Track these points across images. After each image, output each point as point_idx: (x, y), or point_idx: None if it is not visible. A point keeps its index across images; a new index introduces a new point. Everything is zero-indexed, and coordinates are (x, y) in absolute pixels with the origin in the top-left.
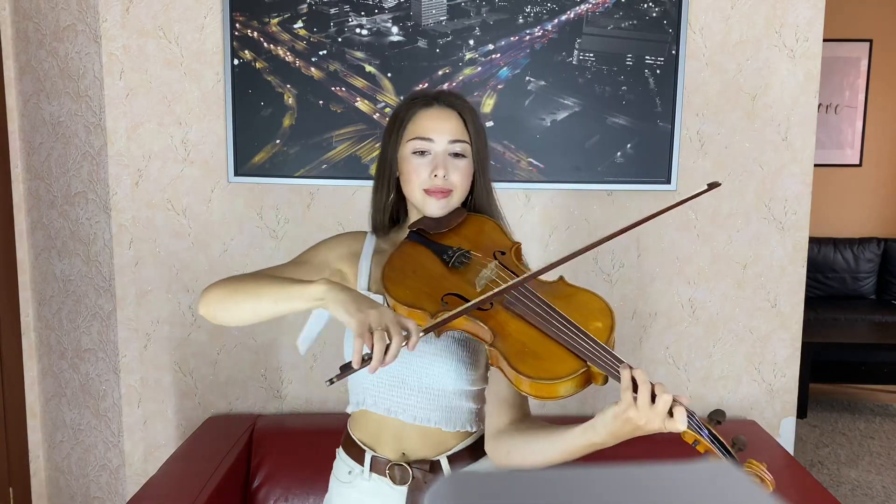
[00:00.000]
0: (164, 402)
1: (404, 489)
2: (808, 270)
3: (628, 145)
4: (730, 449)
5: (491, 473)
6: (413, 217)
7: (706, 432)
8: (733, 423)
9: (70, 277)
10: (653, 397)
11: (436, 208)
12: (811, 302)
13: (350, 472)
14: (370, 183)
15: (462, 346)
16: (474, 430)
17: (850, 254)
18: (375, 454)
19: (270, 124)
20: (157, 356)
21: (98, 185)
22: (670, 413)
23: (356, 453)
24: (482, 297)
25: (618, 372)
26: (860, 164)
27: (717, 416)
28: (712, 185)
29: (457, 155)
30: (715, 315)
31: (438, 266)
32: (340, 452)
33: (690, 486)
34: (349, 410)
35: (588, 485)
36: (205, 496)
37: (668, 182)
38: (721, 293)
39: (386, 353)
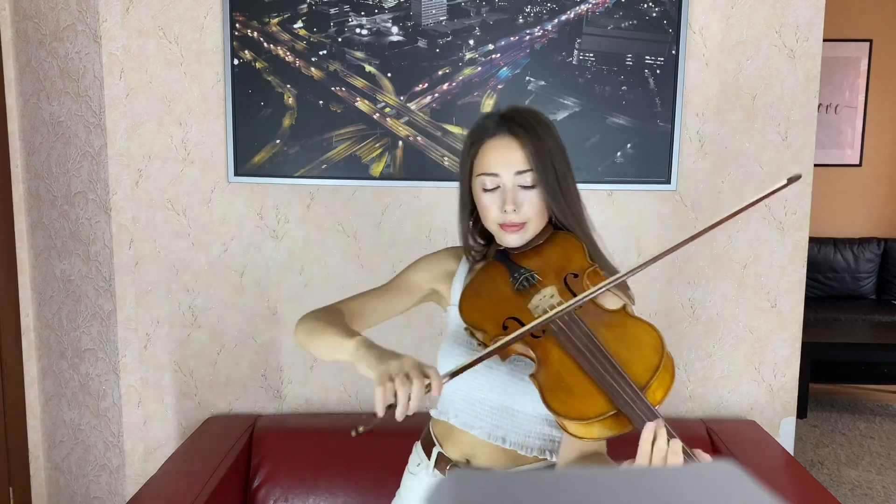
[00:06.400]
0: (164, 402)
1: None
2: (808, 270)
3: (628, 145)
4: None
5: (492, 473)
6: None
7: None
8: (733, 423)
9: (70, 277)
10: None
11: (512, 241)
12: (811, 302)
13: (419, 465)
14: (370, 183)
15: None
16: (553, 459)
17: (850, 254)
18: (442, 451)
19: (270, 124)
20: (157, 356)
21: (98, 185)
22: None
23: (427, 446)
24: (508, 338)
25: (642, 422)
26: (860, 164)
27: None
28: (792, 179)
29: (525, 187)
30: (715, 315)
31: (508, 288)
32: (417, 444)
33: (690, 487)
34: (433, 415)
35: (589, 485)
36: (205, 496)
37: (668, 182)
38: (721, 293)
39: (410, 398)
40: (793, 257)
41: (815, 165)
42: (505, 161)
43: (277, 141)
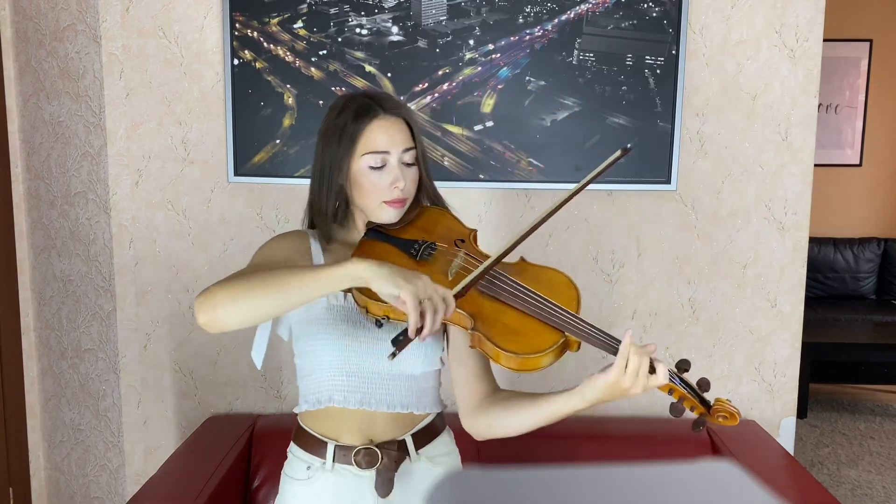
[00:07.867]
0: (164, 402)
1: (371, 473)
2: (808, 270)
3: (628, 145)
4: (697, 391)
5: (492, 473)
6: (359, 216)
7: (678, 380)
8: None
9: (70, 277)
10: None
11: (393, 216)
12: (811, 302)
13: (309, 468)
14: None
15: None
16: (439, 409)
17: (850, 254)
18: (339, 443)
19: (270, 124)
20: (157, 356)
21: (98, 185)
22: (652, 370)
23: (315, 447)
24: (475, 274)
25: (609, 343)
26: (860, 164)
27: (683, 365)
28: (625, 151)
29: (408, 164)
30: (715, 315)
31: (406, 260)
32: (294, 449)
33: (690, 486)
34: (304, 409)
35: (588, 485)
36: (205, 496)
37: (668, 182)
38: (721, 293)
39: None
40: (793, 257)
41: (815, 165)
42: (393, 140)
43: (277, 141)
